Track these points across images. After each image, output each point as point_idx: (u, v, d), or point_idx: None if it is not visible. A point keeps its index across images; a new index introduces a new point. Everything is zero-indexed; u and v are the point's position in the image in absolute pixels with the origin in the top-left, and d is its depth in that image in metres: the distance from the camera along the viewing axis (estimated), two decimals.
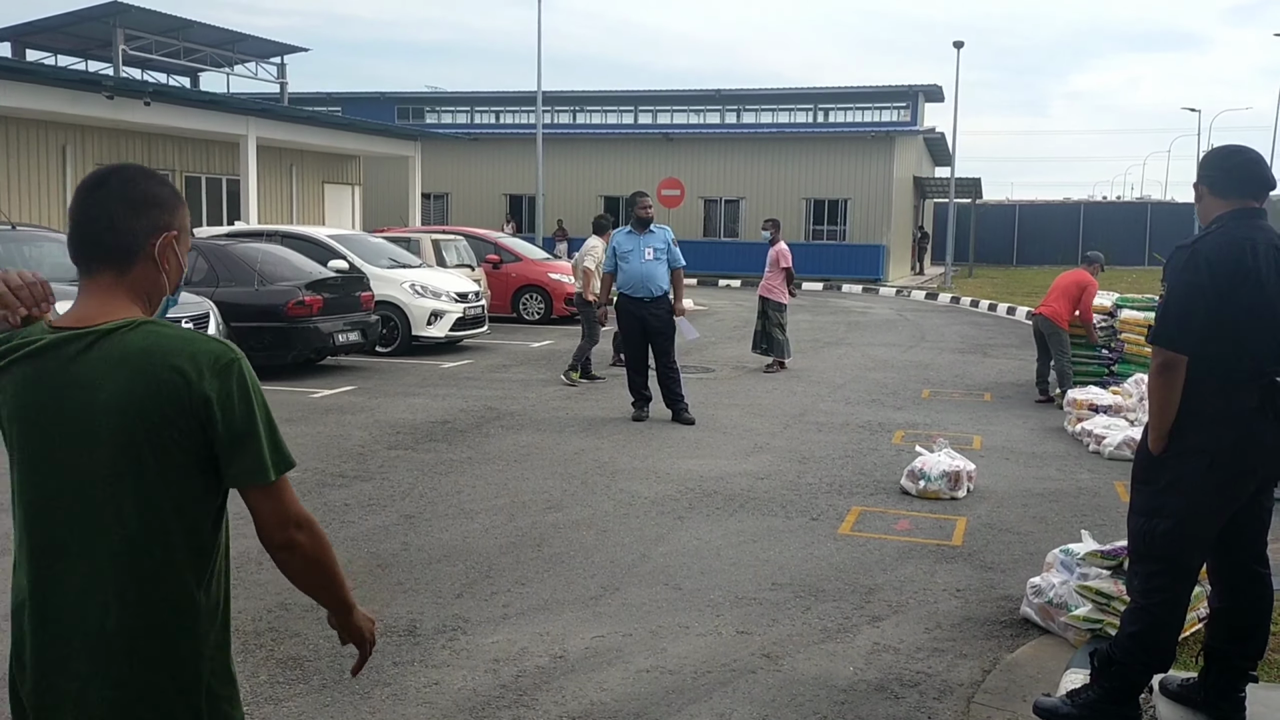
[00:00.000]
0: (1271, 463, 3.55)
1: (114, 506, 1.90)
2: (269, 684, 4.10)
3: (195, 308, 10.21)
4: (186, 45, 26.24)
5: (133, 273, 1.98)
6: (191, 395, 1.88)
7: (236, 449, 1.96)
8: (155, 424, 1.87)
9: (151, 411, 1.87)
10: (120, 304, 1.96)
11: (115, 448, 1.88)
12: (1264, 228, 3.55)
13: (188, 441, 1.91)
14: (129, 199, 1.97)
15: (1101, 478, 7.87)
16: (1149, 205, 52.70)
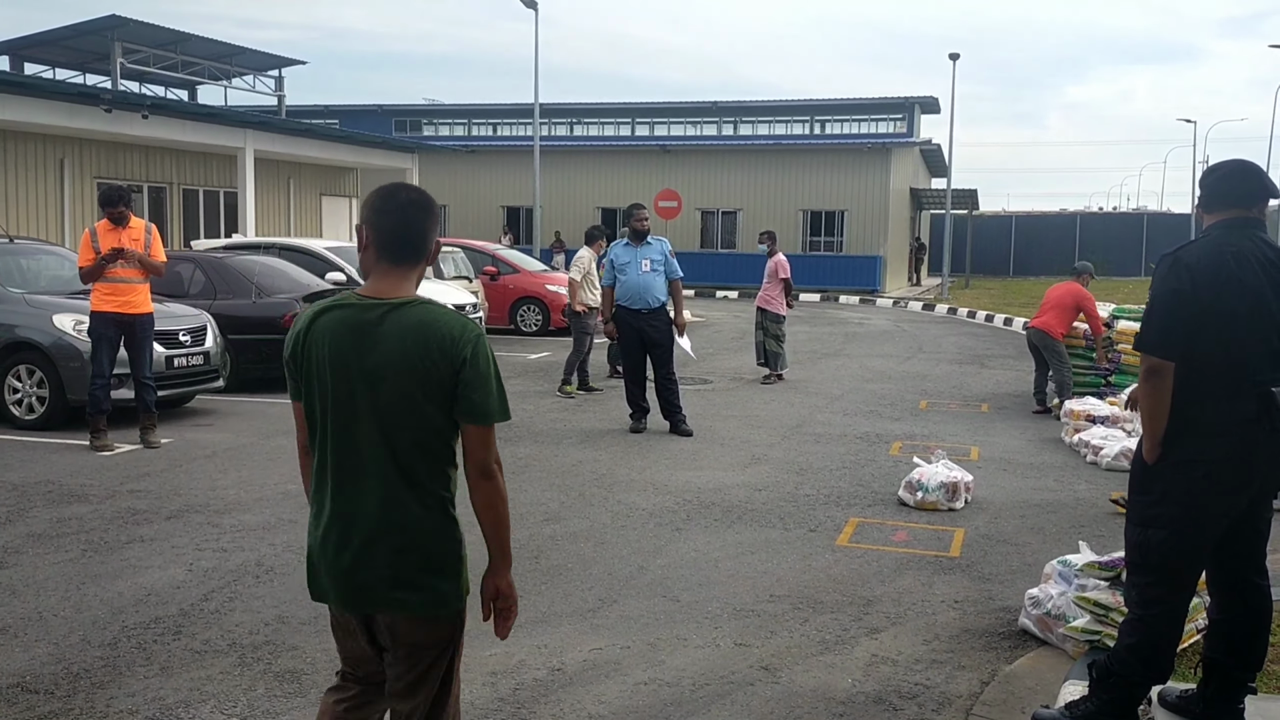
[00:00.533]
0: (1268, 473, 3.55)
1: (396, 430, 2.66)
2: (266, 697, 4.08)
3: (193, 320, 10.21)
4: (184, 58, 26.30)
5: (420, 265, 2.76)
6: (453, 354, 2.62)
7: (471, 395, 2.65)
8: (426, 371, 2.62)
9: (425, 362, 2.62)
10: (408, 286, 2.74)
11: (399, 387, 2.63)
12: (1254, 237, 3.56)
13: (445, 385, 2.64)
14: (431, 214, 2.78)
15: (1099, 488, 7.87)
16: (1145, 216, 52.86)
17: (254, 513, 6.75)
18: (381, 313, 2.66)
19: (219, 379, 10.42)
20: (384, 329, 2.64)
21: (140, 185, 20.69)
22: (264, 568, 5.65)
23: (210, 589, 5.32)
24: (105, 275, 8.58)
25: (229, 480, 7.64)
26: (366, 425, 2.67)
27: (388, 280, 2.73)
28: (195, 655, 4.49)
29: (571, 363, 12.05)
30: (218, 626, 4.82)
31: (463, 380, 2.64)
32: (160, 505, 6.90)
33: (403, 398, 2.64)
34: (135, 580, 5.42)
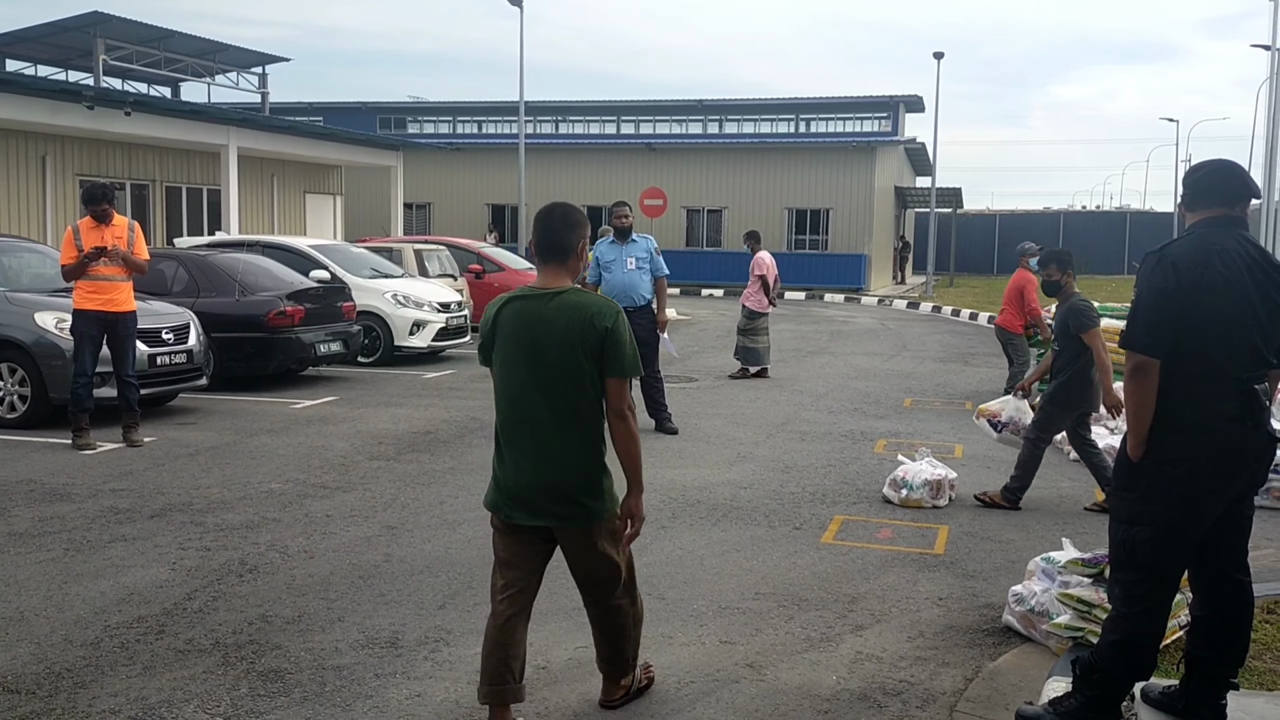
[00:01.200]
0: (1251, 471, 3.57)
1: (561, 388, 3.64)
2: (249, 697, 4.07)
3: (176, 318, 10.16)
4: (167, 55, 26.14)
5: (569, 264, 3.75)
6: (599, 327, 3.61)
7: (613, 355, 3.64)
8: (581, 340, 3.61)
9: (581, 334, 3.61)
10: (564, 279, 3.74)
11: (562, 355, 3.62)
12: (1239, 236, 3.58)
13: (595, 352, 3.62)
14: (574, 227, 3.76)
15: (1082, 486, 7.91)
16: (1128, 215, 53.14)
17: (237, 511, 6.73)
18: (548, 299, 3.69)
19: (202, 377, 10.37)
20: (550, 310, 3.66)
21: (123, 183, 20.57)
22: (247, 566, 5.63)
23: (193, 588, 5.29)
24: (88, 273, 8.54)
25: (212, 479, 7.61)
26: (538, 381, 3.65)
27: (548, 275, 3.76)
28: (178, 654, 4.47)
29: None
30: (201, 626, 4.80)
31: (606, 345, 3.63)
32: (143, 504, 6.87)
33: (565, 360, 3.62)
34: (118, 579, 5.39)
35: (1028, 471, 7.18)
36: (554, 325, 3.63)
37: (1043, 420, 7.29)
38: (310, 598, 5.19)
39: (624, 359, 3.63)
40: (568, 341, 3.61)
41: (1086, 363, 7.06)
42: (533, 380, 3.65)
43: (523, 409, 3.67)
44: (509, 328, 3.70)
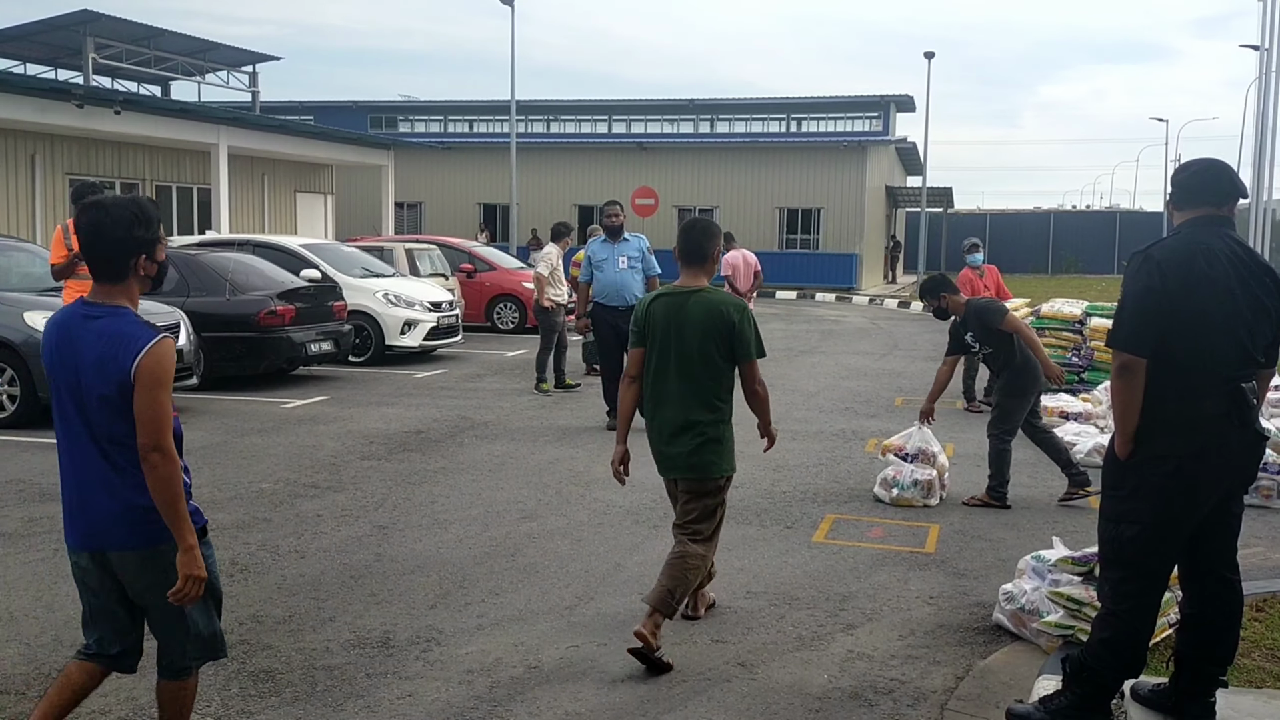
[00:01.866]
0: (1238, 469, 3.59)
1: (697, 369, 4.58)
2: (240, 697, 4.06)
3: (165, 317, 10.12)
4: (157, 54, 26.09)
5: (706, 266, 4.72)
6: (729, 319, 4.54)
7: (741, 343, 4.57)
8: (713, 330, 4.54)
9: (714, 325, 4.54)
10: (702, 279, 4.70)
11: (698, 342, 4.55)
12: (1225, 235, 3.59)
13: (726, 339, 4.55)
14: (711, 236, 4.76)
15: None
16: (1118, 214, 53.28)
17: (228, 511, 6.71)
18: (687, 297, 4.64)
19: (192, 377, 10.34)
20: (690, 306, 4.60)
21: (113, 181, 20.51)
22: (238, 566, 5.62)
23: None
24: (77, 272, 8.50)
25: (202, 479, 7.59)
26: (680, 363, 4.59)
27: (689, 276, 4.73)
28: None
29: (542, 360, 12.03)
30: None
31: (734, 335, 4.56)
32: None
33: (701, 346, 4.56)
34: None
35: (1001, 468, 7.23)
36: (692, 317, 4.59)
37: (1000, 416, 7.36)
38: (301, 597, 5.18)
39: (749, 345, 4.60)
40: (703, 331, 4.56)
41: (1020, 348, 7.19)
42: (674, 361, 4.60)
43: (666, 383, 4.64)
44: (658, 318, 4.66)
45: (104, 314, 3.09)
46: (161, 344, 3.05)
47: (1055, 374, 7.26)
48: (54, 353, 3.13)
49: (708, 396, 4.61)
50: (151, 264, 3.17)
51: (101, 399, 3.05)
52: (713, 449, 4.63)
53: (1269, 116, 24.54)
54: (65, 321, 3.14)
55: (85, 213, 3.13)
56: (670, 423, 4.63)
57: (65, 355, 3.10)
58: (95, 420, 3.09)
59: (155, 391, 3.04)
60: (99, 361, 3.04)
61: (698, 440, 4.59)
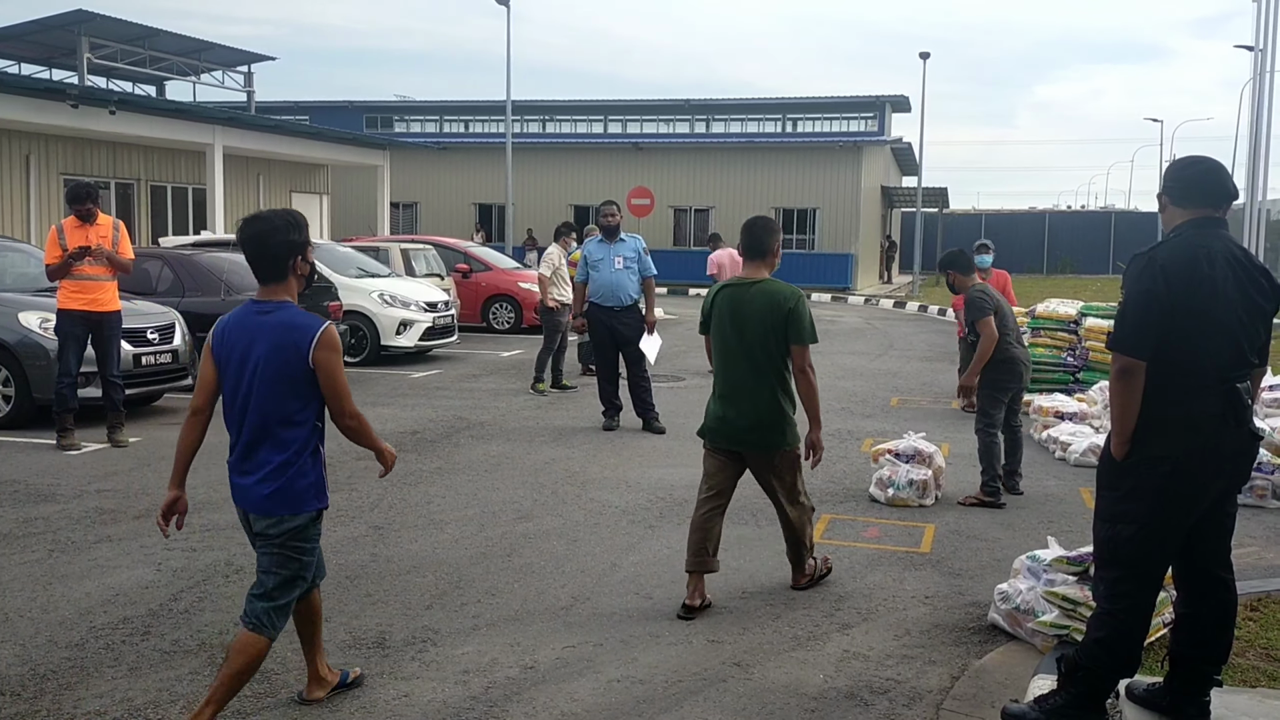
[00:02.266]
0: (1233, 469, 3.60)
1: (759, 355, 5.06)
2: (237, 697, 4.05)
3: (161, 318, 10.12)
4: (152, 54, 26.03)
5: (767, 259, 5.23)
6: (785, 307, 5.04)
7: (794, 329, 5.05)
8: (772, 318, 5.04)
9: (772, 313, 5.04)
10: (763, 272, 5.21)
11: (758, 330, 5.05)
12: (1223, 236, 3.60)
13: (781, 326, 5.02)
14: (770, 231, 5.27)
15: (1067, 484, 7.94)
16: (1113, 214, 53.32)
17: (223, 512, 6.70)
18: (749, 287, 5.18)
19: (188, 377, 10.33)
20: (751, 295, 5.14)
21: (107, 181, 20.48)
22: (233, 567, 5.61)
23: (179, 589, 5.28)
24: (72, 273, 8.50)
25: (198, 479, 7.56)
26: (742, 347, 5.12)
27: (751, 269, 5.28)
28: (164, 656, 4.45)
29: (543, 359, 12.03)
30: (187, 627, 4.78)
31: (789, 320, 5.05)
32: (128, 505, 6.84)
33: (761, 332, 5.08)
34: (103, 580, 5.37)
35: (991, 462, 7.31)
36: (753, 306, 5.10)
37: (980, 411, 7.51)
38: None
39: (803, 330, 5.07)
40: (762, 319, 5.07)
41: (1001, 346, 7.33)
42: (738, 346, 5.13)
43: (731, 366, 5.17)
44: (723, 308, 5.21)
45: (274, 309, 3.67)
46: (329, 330, 3.61)
47: (968, 385, 7.51)
48: (224, 344, 3.69)
49: (769, 377, 5.12)
50: (305, 264, 3.73)
51: (275, 380, 3.58)
52: (775, 424, 5.12)
53: (1263, 117, 24.58)
54: (239, 318, 3.70)
55: (248, 225, 3.66)
56: (738, 402, 5.15)
57: (240, 345, 3.64)
58: (264, 399, 3.62)
59: (333, 369, 3.64)
60: (276, 349, 3.58)
61: (764, 418, 5.12)
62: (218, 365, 3.73)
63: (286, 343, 3.57)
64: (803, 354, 5.11)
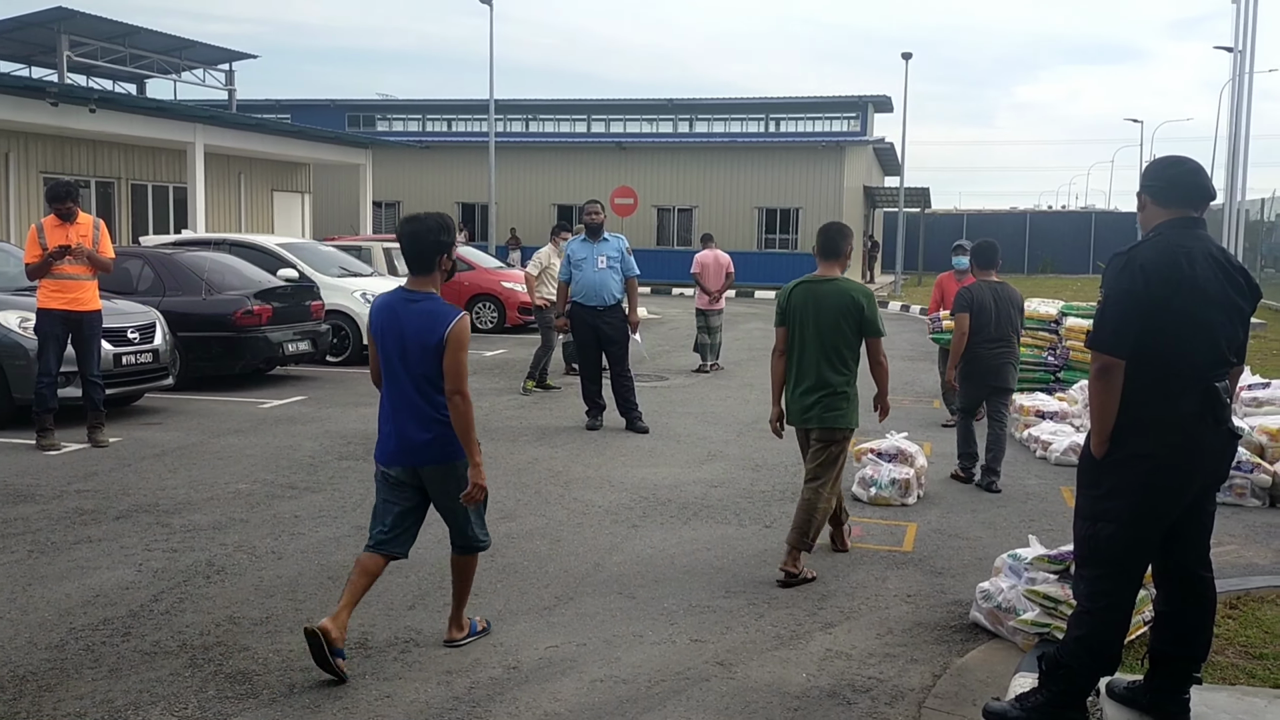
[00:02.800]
0: (1212, 467, 3.62)
1: (829, 342, 5.75)
2: (217, 699, 4.04)
3: (141, 317, 10.06)
4: (133, 52, 25.87)
5: (840, 260, 5.87)
6: (858, 303, 5.74)
7: (869, 324, 5.77)
8: (845, 312, 5.73)
9: (846, 308, 5.73)
10: (835, 270, 5.85)
11: (830, 320, 5.73)
12: (1202, 236, 3.63)
13: (856, 319, 5.74)
14: (844, 235, 5.92)
15: (1048, 483, 7.98)
16: (1093, 214, 53.63)
17: (204, 512, 6.67)
18: (824, 284, 5.79)
19: (168, 377, 10.28)
20: (826, 290, 5.76)
21: (88, 180, 20.35)
22: (215, 568, 5.59)
23: (160, 590, 5.25)
24: (52, 272, 8.44)
25: (179, 480, 7.54)
26: (817, 336, 5.74)
27: (825, 268, 5.86)
28: (145, 657, 4.43)
29: (539, 358, 12.01)
30: (168, 628, 4.76)
31: (863, 317, 5.73)
32: (108, 505, 6.80)
33: (833, 321, 5.71)
34: (83, 581, 5.33)
35: (960, 443, 8.03)
36: (828, 301, 5.74)
37: (958, 395, 8.13)
38: (278, 599, 5.16)
39: (876, 324, 5.79)
40: (836, 312, 5.72)
41: (978, 341, 7.81)
42: (813, 337, 5.75)
43: (806, 355, 5.78)
44: (798, 302, 5.81)
45: (421, 299, 4.41)
46: (462, 319, 4.39)
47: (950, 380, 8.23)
48: (382, 324, 4.44)
49: (837, 364, 5.74)
50: (449, 261, 4.50)
51: (421, 356, 4.33)
52: (840, 405, 5.76)
53: (1242, 118, 24.75)
54: (391, 303, 4.45)
55: (407, 224, 4.44)
56: (808, 384, 5.77)
57: (392, 326, 4.40)
58: (414, 370, 4.35)
59: (458, 353, 4.35)
60: (420, 331, 4.34)
61: (829, 397, 5.74)
62: (375, 339, 4.50)
63: (427, 327, 4.33)
64: (878, 345, 5.87)
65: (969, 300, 7.82)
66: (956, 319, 7.84)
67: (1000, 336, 7.83)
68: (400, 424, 4.43)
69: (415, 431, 4.41)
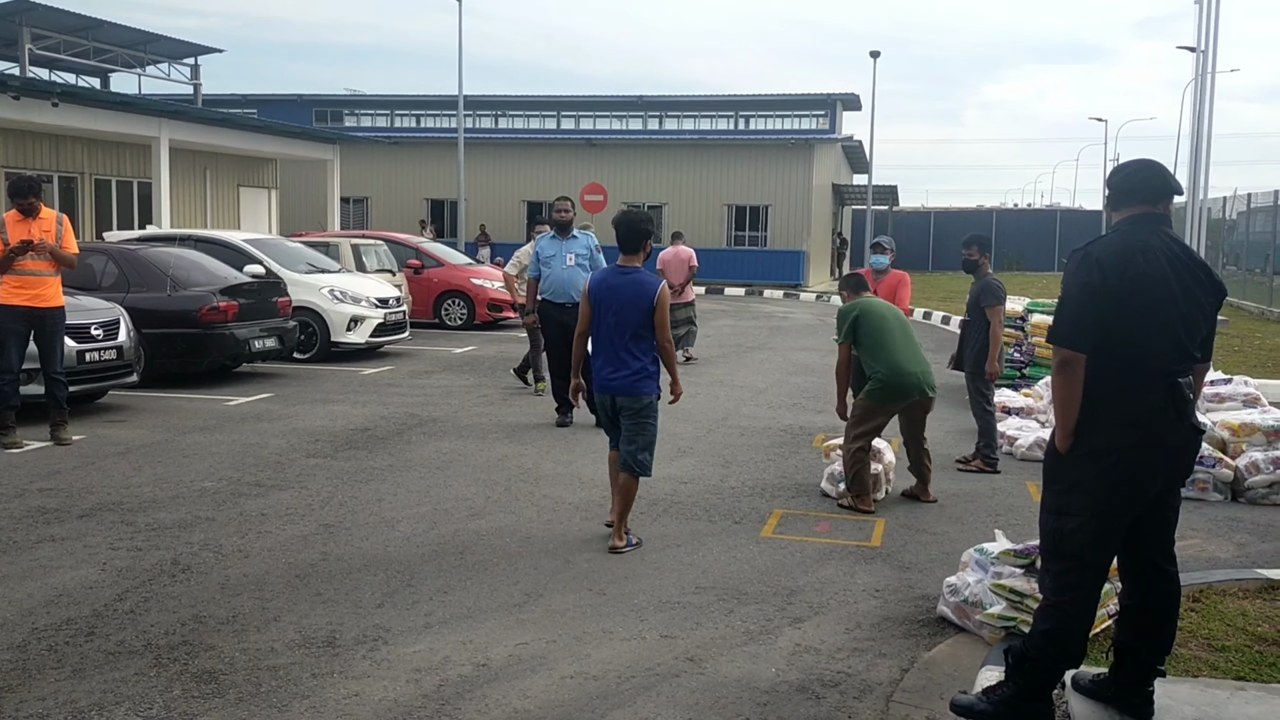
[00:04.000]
0: (1176, 462, 3.66)
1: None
2: (183, 699, 4.00)
3: (105, 313, 9.95)
4: (96, 45, 25.58)
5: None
6: None
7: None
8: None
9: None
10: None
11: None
12: (1162, 232, 3.67)
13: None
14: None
15: (1014, 478, 8.05)
16: (1058, 212, 54.17)
17: (169, 511, 6.61)
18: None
19: (133, 374, 10.16)
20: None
21: (50, 175, 20.08)
22: (180, 566, 5.53)
23: (124, 589, 5.19)
24: (14, 268, 8.33)
25: (143, 478, 7.47)
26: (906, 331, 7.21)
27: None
28: (109, 657, 4.38)
29: (532, 359, 11.79)
30: (132, 627, 4.71)
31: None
32: (72, 504, 6.72)
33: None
34: (46, 581, 5.27)
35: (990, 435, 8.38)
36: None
37: (982, 389, 8.45)
38: (245, 597, 5.11)
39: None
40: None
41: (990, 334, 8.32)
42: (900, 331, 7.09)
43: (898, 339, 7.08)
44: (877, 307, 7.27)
45: (632, 272, 6.01)
46: (662, 288, 5.98)
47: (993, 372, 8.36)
48: (600, 293, 5.98)
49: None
50: (649, 244, 6.16)
51: (634, 315, 5.90)
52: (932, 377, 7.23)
53: (1205, 117, 25.05)
54: (607, 277, 6.06)
55: (623, 215, 6.15)
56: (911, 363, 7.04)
57: (609, 294, 5.94)
58: (625, 326, 5.91)
59: (664, 313, 5.96)
60: (634, 298, 5.91)
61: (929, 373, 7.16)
62: (593, 305, 6.00)
63: (640, 294, 5.91)
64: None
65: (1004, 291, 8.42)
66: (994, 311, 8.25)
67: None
68: (608, 364, 5.95)
69: (615, 370, 5.93)
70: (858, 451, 6.91)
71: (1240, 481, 7.50)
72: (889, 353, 6.97)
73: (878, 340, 7.00)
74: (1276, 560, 6.05)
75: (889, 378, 6.94)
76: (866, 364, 7.10)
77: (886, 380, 6.94)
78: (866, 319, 7.05)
